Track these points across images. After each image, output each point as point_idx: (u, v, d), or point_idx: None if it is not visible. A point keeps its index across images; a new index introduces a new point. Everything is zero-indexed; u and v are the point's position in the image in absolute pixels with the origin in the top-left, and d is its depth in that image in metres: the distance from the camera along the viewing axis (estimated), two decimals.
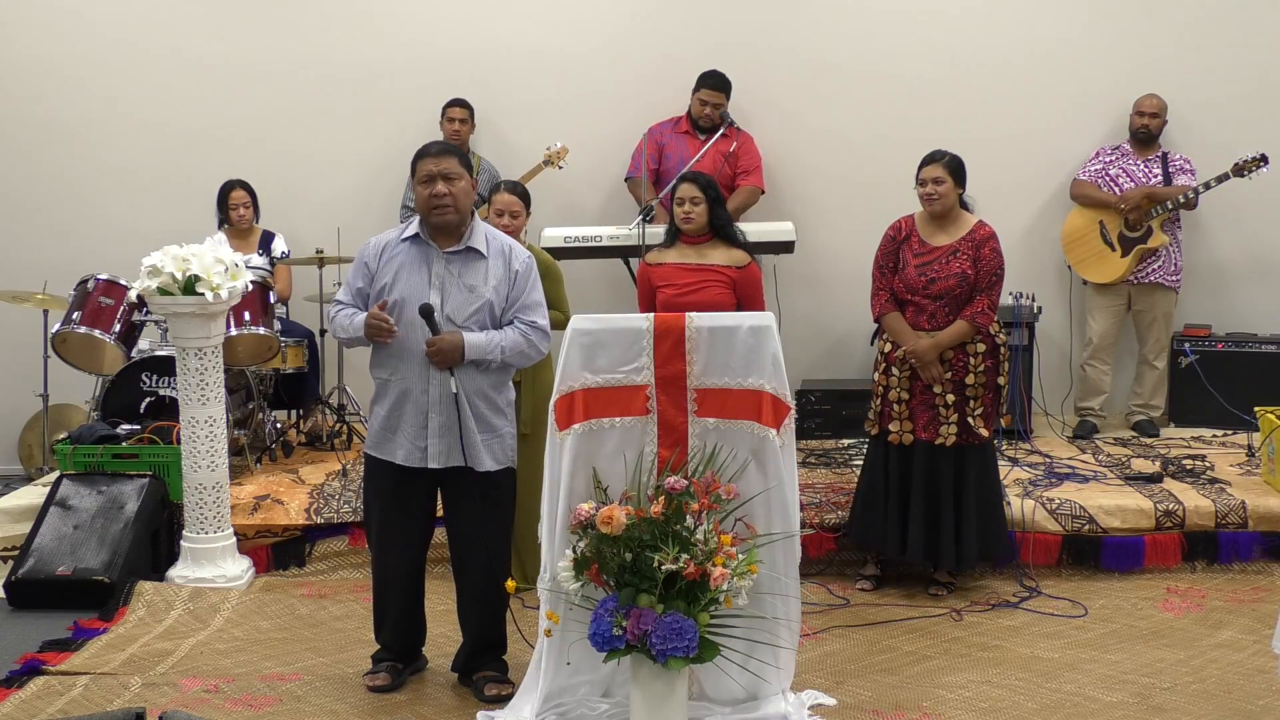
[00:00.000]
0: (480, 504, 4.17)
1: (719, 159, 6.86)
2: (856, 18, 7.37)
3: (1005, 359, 5.12)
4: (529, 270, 4.20)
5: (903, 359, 5.06)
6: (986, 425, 5.05)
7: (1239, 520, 5.45)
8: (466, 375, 4.08)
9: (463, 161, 4.15)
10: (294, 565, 5.61)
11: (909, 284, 5.07)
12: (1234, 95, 7.19)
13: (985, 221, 5.11)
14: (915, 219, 5.16)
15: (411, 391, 4.10)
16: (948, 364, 5.02)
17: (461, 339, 4.03)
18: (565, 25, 7.41)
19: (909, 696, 4.20)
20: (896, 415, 5.08)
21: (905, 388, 5.07)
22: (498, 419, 4.17)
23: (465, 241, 4.13)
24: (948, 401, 5.01)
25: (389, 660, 4.35)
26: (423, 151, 4.15)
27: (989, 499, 5.13)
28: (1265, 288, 7.35)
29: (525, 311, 4.16)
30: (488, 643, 4.32)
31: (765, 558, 3.83)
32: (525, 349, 4.15)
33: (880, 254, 5.17)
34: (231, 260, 5.32)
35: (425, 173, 4.09)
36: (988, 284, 5.02)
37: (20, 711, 4.11)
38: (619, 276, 7.14)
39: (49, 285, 6.74)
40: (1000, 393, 5.11)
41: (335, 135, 7.46)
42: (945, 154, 5.08)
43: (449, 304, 4.08)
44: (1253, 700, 4.13)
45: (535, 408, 4.93)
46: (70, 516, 5.43)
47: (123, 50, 7.47)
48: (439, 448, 4.10)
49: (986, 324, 5.02)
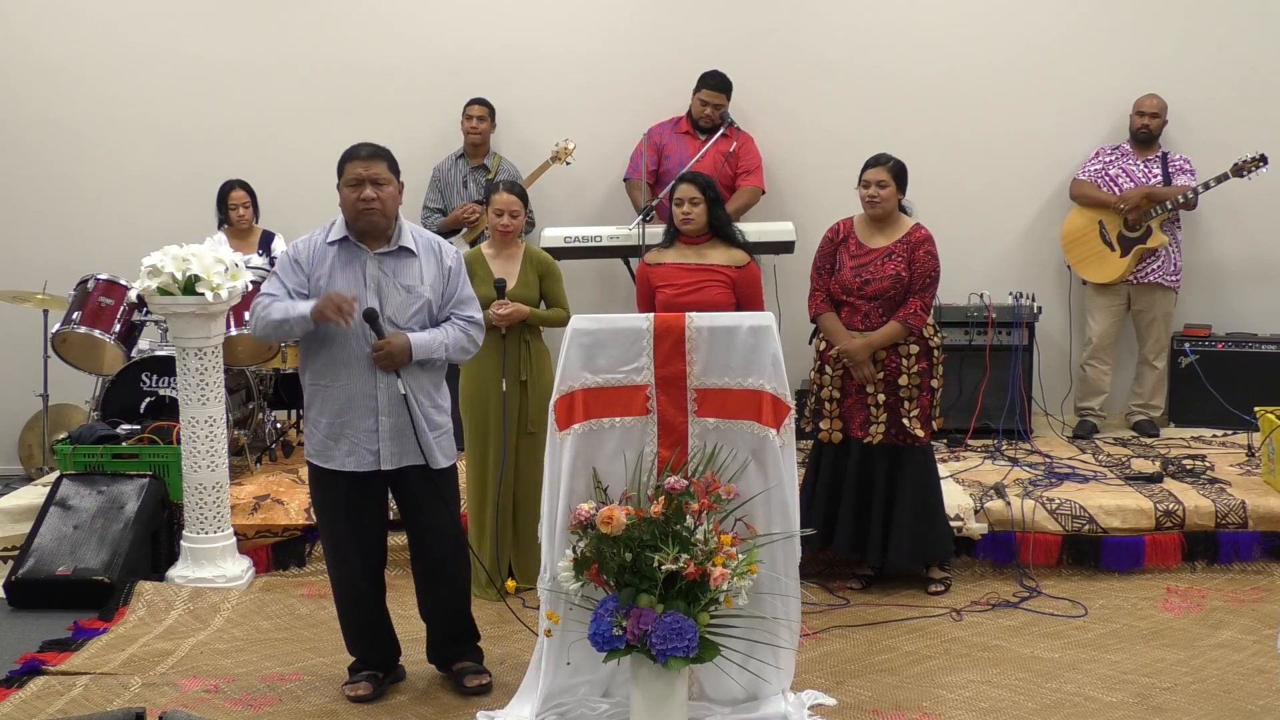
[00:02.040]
0: (434, 498, 4.18)
1: (719, 159, 6.85)
2: (856, 18, 7.37)
3: (940, 361, 5.16)
4: (460, 266, 4.23)
5: (836, 358, 5.09)
6: (923, 427, 5.07)
7: (1239, 520, 5.45)
8: (411, 375, 4.09)
9: (392, 166, 4.13)
10: (294, 565, 5.62)
11: (844, 285, 5.10)
12: (1234, 95, 7.18)
13: (922, 225, 5.14)
14: (854, 221, 5.21)
15: (358, 396, 4.06)
16: (880, 364, 5.06)
17: (408, 340, 4.04)
18: (566, 25, 7.41)
19: (909, 696, 4.21)
20: (827, 414, 5.13)
21: (838, 387, 5.12)
22: (440, 416, 4.20)
23: (396, 241, 4.12)
24: (879, 401, 5.05)
25: (368, 670, 4.31)
26: (351, 153, 4.10)
27: (927, 500, 5.15)
28: (1265, 288, 7.34)
29: (461, 307, 4.19)
30: (458, 633, 4.35)
31: (765, 558, 3.83)
32: (465, 344, 4.18)
33: (819, 255, 5.24)
34: (231, 260, 5.33)
35: (353, 175, 4.05)
36: (921, 286, 5.05)
37: (20, 711, 4.11)
38: (618, 276, 7.15)
39: (49, 285, 6.74)
40: (935, 394, 5.13)
41: (335, 135, 7.29)
42: (890, 158, 5.12)
43: (389, 306, 4.08)
44: (1253, 700, 4.13)
45: (541, 407, 4.94)
46: (70, 516, 5.44)
47: (123, 50, 7.47)
48: (391, 449, 4.09)
49: (919, 325, 5.05)
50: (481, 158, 7.11)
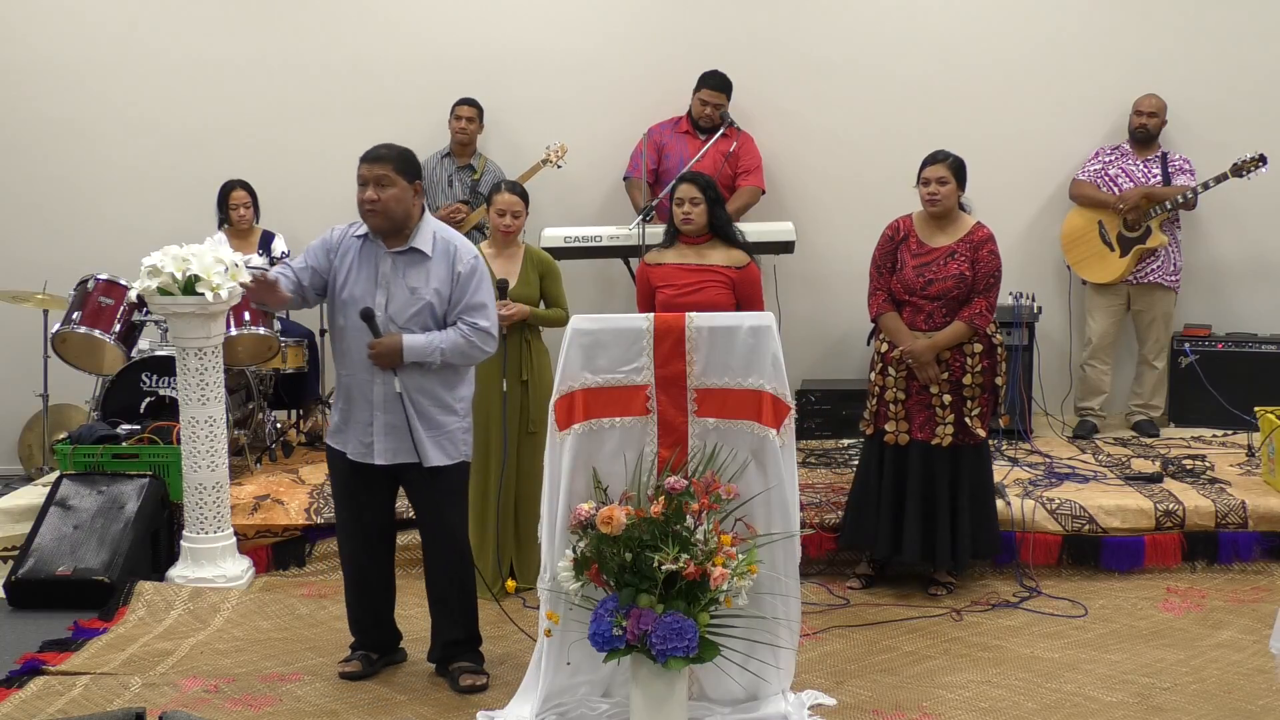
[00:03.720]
0: (434, 496, 4.24)
1: (719, 159, 6.85)
2: (856, 18, 7.37)
3: (1003, 360, 5.12)
4: (473, 271, 4.21)
5: (899, 359, 5.06)
6: (983, 425, 5.06)
7: (1239, 520, 5.45)
8: (410, 375, 4.15)
9: (401, 168, 4.15)
10: (294, 565, 5.62)
11: (907, 285, 5.07)
12: (1234, 95, 7.18)
13: (983, 223, 5.11)
14: (913, 219, 5.15)
15: (359, 389, 4.20)
16: (944, 365, 5.03)
17: (400, 342, 4.11)
18: (566, 25, 7.41)
19: (909, 696, 4.21)
20: (893, 415, 5.08)
21: (902, 388, 5.07)
22: (445, 415, 4.21)
23: (410, 242, 4.18)
24: (944, 402, 5.01)
25: (363, 650, 4.45)
26: (364, 155, 4.20)
27: (982, 498, 5.14)
28: (1265, 288, 7.34)
29: (469, 313, 4.19)
30: (457, 636, 4.36)
31: (765, 558, 3.83)
32: (466, 349, 4.17)
33: (878, 253, 5.17)
34: (231, 260, 5.32)
35: (360, 176, 4.16)
36: (985, 285, 5.02)
37: (20, 711, 4.11)
38: (618, 276, 7.15)
39: (49, 285, 6.74)
40: (997, 393, 5.11)
41: (336, 135, 7.44)
42: (949, 155, 5.08)
43: (392, 305, 4.16)
44: (1253, 700, 4.13)
45: (542, 407, 4.93)
46: (70, 516, 5.44)
47: (123, 49, 7.47)
48: (385, 445, 4.19)
49: (984, 325, 5.02)
50: (468, 158, 7.11)
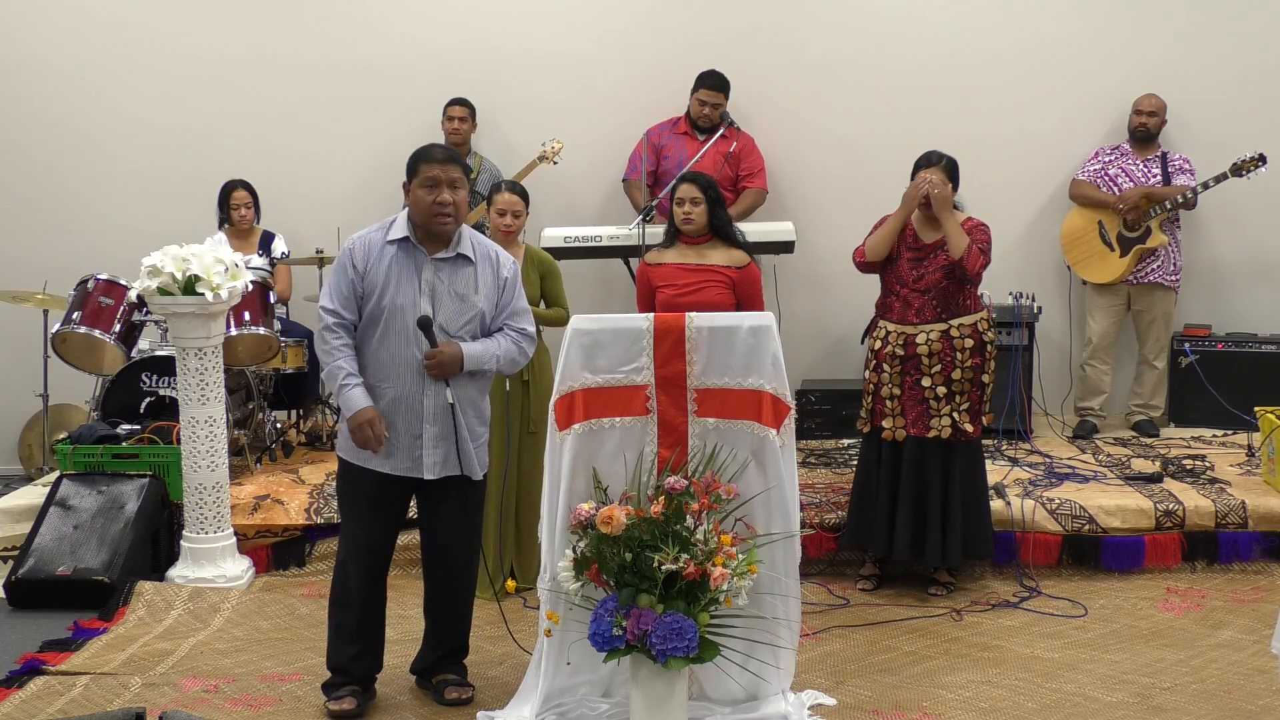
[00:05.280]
0: (464, 510, 4.14)
1: (719, 159, 6.85)
2: (856, 17, 7.37)
3: (991, 358, 5.13)
4: (516, 277, 4.15)
5: (893, 355, 5.08)
6: (973, 422, 5.07)
7: (1239, 520, 5.45)
8: (459, 385, 4.02)
9: (463, 169, 4.09)
10: (294, 565, 5.61)
11: (900, 277, 5.10)
12: (1234, 95, 7.18)
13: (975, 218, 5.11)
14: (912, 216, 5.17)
15: (405, 401, 4.01)
16: (936, 357, 5.04)
17: (460, 350, 3.98)
18: (565, 25, 7.41)
19: (909, 696, 4.21)
20: (889, 411, 5.10)
21: (896, 384, 5.09)
22: (481, 426, 4.15)
23: (455, 248, 4.04)
24: (938, 394, 5.03)
25: (351, 685, 4.13)
26: (426, 155, 4.03)
27: (974, 497, 5.14)
28: (1265, 288, 7.34)
29: (515, 319, 4.12)
30: (452, 647, 4.28)
31: (765, 558, 3.83)
32: (516, 356, 4.13)
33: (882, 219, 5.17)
34: (231, 260, 5.33)
35: (430, 177, 3.96)
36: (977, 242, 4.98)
37: (20, 711, 4.11)
38: (618, 276, 7.15)
39: (49, 285, 6.74)
40: (985, 391, 5.12)
41: (335, 135, 7.46)
42: (942, 156, 5.10)
43: (441, 313, 4.00)
44: (1253, 700, 4.13)
45: (543, 407, 4.93)
46: (70, 516, 5.44)
47: (123, 49, 7.47)
48: (434, 458, 4.02)
49: (975, 262, 4.93)
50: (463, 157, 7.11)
